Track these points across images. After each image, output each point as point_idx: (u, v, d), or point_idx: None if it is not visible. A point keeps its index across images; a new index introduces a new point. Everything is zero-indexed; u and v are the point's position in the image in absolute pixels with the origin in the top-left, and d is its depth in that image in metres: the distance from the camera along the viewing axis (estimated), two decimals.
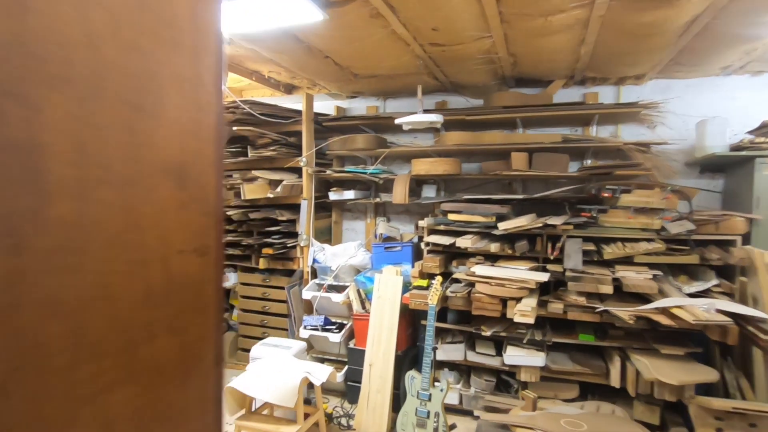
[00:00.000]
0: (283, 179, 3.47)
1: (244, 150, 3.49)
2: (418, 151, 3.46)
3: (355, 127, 3.71)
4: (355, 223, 4.14)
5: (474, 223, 2.79)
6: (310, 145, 3.57)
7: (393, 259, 3.31)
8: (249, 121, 3.32)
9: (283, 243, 3.56)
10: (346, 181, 3.88)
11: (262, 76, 3.56)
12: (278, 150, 3.39)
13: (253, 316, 3.87)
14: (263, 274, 3.83)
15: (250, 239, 3.64)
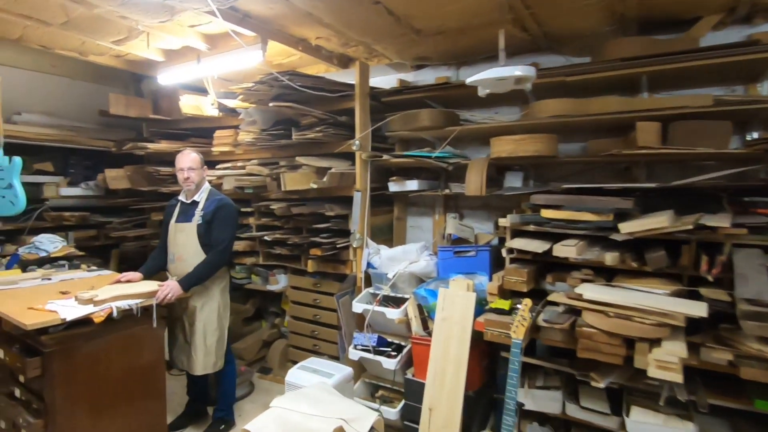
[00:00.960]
0: (331, 167, 2.89)
1: (288, 132, 2.96)
2: (500, 128, 2.67)
3: (420, 102, 3.01)
4: (420, 220, 3.45)
5: (580, 223, 1.96)
6: (365, 124, 2.94)
7: (464, 268, 2.57)
8: (290, 97, 2.78)
9: (333, 243, 2.99)
10: (409, 169, 3.21)
11: (310, 45, 3.00)
12: (326, 132, 2.81)
13: (304, 326, 3.38)
14: (314, 278, 3.31)
15: (296, 237, 3.13)
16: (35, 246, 3.00)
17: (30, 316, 1.97)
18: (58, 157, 4.04)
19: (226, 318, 2.64)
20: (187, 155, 2.56)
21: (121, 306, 2.14)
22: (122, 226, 4.02)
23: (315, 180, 2.73)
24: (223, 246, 2.50)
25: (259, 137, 3.01)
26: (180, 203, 2.63)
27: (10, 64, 3.48)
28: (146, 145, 3.64)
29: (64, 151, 4.03)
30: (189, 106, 3.52)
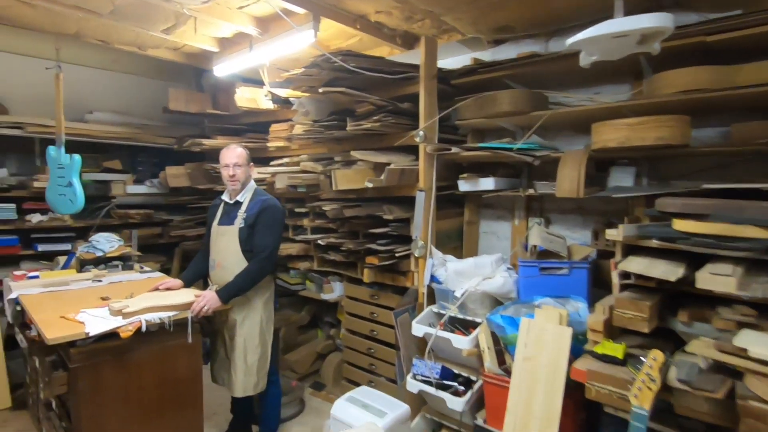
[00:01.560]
0: (390, 162, 2.48)
1: (343, 123, 2.59)
2: (604, 110, 2.08)
3: (498, 84, 2.49)
4: (496, 225, 2.92)
5: (740, 241, 1.34)
6: (431, 112, 2.49)
7: (553, 289, 2.03)
8: (344, 83, 2.41)
9: (391, 251, 2.58)
10: (483, 164, 2.70)
11: (369, 21, 2.61)
12: (384, 121, 2.40)
13: (360, 341, 3.01)
14: (371, 289, 2.93)
15: (351, 243, 2.76)
16: (93, 245, 2.95)
17: (57, 327, 1.81)
18: (126, 155, 4.08)
19: (270, 333, 2.34)
20: (232, 150, 2.29)
21: (151, 319, 1.91)
22: (182, 224, 3.95)
23: (371, 178, 2.33)
24: (266, 253, 2.20)
25: (310, 129, 2.68)
26: (223, 203, 2.37)
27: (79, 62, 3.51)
28: (202, 142, 3.50)
29: (133, 149, 4.05)
30: (244, 98, 3.30)
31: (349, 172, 2.43)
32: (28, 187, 3.34)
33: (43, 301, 2.18)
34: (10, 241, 3.25)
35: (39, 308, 2.07)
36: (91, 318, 1.89)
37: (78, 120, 3.68)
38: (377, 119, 2.36)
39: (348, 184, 2.42)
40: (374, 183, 2.32)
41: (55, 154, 2.94)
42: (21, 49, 3.22)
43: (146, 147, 3.99)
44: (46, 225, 3.41)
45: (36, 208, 3.34)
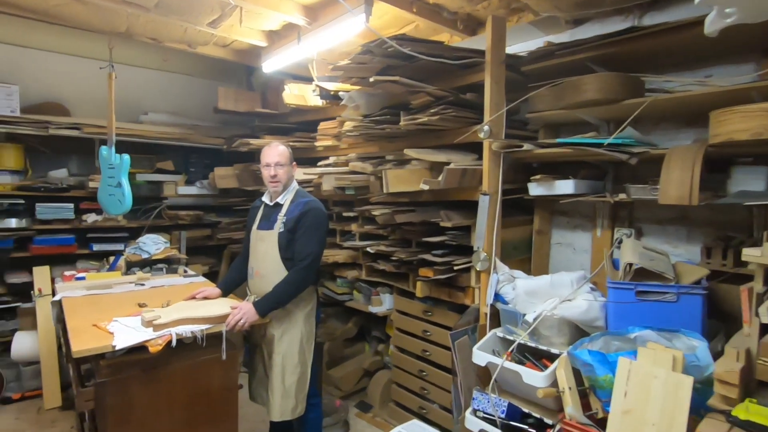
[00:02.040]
0: (449, 161, 2.16)
1: (396, 118, 2.31)
2: (723, 95, 1.64)
3: (578, 68, 2.10)
4: (572, 236, 2.51)
5: None
6: (498, 103, 2.15)
7: (655, 319, 1.62)
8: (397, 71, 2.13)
9: (449, 263, 2.26)
10: (559, 164, 2.32)
11: (427, 4, 2.32)
12: (443, 114, 2.09)
13: (411, 362, 2.71)
14: (424, 304, 2.62)
15: (403, 252, 2.47)
16: (140, 247, 2.88)
17: (86, 337, 1.68)
18: (179, 155, 4.07)
19: (310, 351, 2.11)
20: (274, 148, 2.08)
21: (182, 333, 1.73)
22: (229, 226, 3.85)
23: (427, 179, 2.03)
24: (307, 262, 1.96)
25: (360, 125, 2.42)
26: (263, 205, 2.17)
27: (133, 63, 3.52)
28: (250, 141, 3.37)
29: (185, 150, 4.04)
30: (292, 95, 3.13)
31: (402, 173, 2.15)
32: (86, 187, 3.37)
33: (82, 305, 2.10)
34: (67, 240, 3.29)
35: (76, 313, 1.98)
36: (122, 328, 1.75)
37: (133, 121, 3.70)
38: (435, 112, 2.06)
39: (401, 185, 2.14)
40: (430, 185, 2.02)
41: (106, 154, 2.92)
42: (79, 51, 3.26)
43: (198, 148, 3.95)
44: (100, 225, 3.43)
45: (92, 208, 3.36)
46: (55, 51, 3.19)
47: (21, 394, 2.91)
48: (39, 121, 3.08)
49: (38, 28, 3.01)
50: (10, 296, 3.08)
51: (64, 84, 3.35)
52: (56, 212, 3.21)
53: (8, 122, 2.96)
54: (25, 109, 3.13)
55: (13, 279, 3.05)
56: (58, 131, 3.15)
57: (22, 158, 3.25)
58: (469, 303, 2.33)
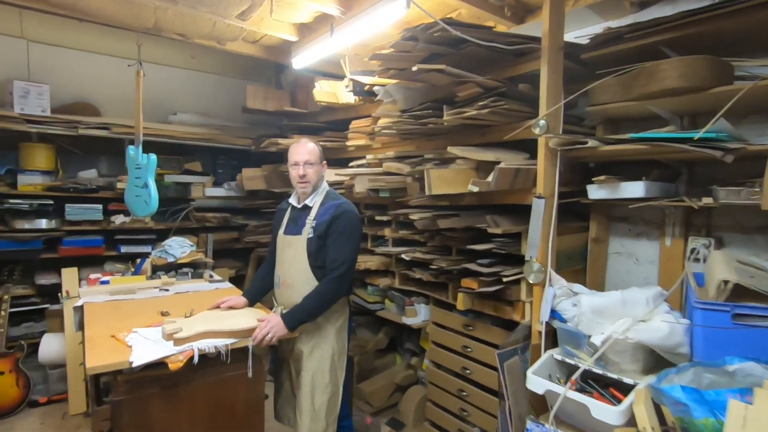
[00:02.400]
0: (499, 160, 1.94)
1: (437, 113, 2.10)
2: None
3: (649, 54, 1.83)
4: (634, 244, 2.23)
5: None
6: (556, 95, 1.91)
7: (757, 347, 1.34)
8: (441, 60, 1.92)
9: (497, 274, 2.03)
10: (620, 164, 2.06)
11: None
12: (494, 106, 1.87)
13: (449, 379, 2.49)
14: (465, 317, 2.39)
15: (443, 260, 2.26)
16: (165, 250, 2.78)
17: (103, 350, 1.55)
18: (207, 156, 3.98)
19: (342, 368, 1.92)
20: (303, 146, 1.91)
21: (204, 348, 1.57)
22: (256, 229, 3.72)
23: (476, 180, 1.80)
24: (340, 271, 1.78)
25: (398, 121, 2.22)
26: (290, 208, 2.00)
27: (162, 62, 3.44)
28: (278, 141, 3.23)
29: (213, 151, 3.95)
30: (323, 93, 2.97)
31: (446, 173, 1.93)
32: (114, 188, 3.31)
33: (103, 312, 1.98)
34: (95, 242, 3.23)
35: (95, 320, 1.86)
36: (141, 341, 1.61)
37: (162, 121, 3.63)
38: (485, 105, 1.83)
39: (445, 187, 1.92)
40: (480, 186, 1.79)
41: (133, 154, 2.83)
42: (109, 50, 3.21)
43: (226, 148, 3.85)
44: (128, 227, 3.36)
45: (120, 210, 3.30)
46: (86, 50, 3.15)
47: (47, 398, 2.84)
48: (69, 120, 3.03)
49: (69, 26, 2.97)
50: (39, 297, 3.03)
51: (94, 84, 3.31)
52: (85, 213, 3.16)
53: (39, 122, 2.92)
54: (56, 110, 3.09)
55: (42, 280, 3.01)
56: (88, 131, 3.09)
57: (53, 159, 3.21)
58: (518, 319, 2.09)
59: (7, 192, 2.91)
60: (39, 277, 3.02)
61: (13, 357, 2.69)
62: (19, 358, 2.71)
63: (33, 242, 2.93)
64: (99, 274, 2.60)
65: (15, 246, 2.88)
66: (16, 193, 2.93)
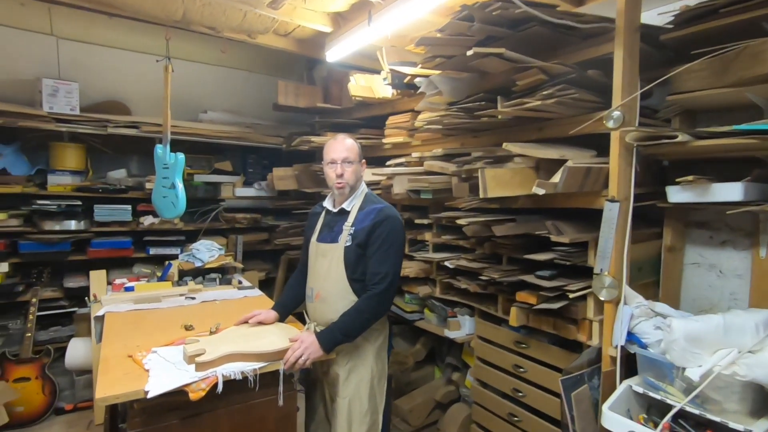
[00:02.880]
0: (564, 158, 1.68)
1: (490, 105, 1.86)
2: None
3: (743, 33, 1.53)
4: (716, 254, 1.92)
5: None
6: (631, 82, 1.64)
7: None
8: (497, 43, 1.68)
9: (560, 289, 1.77)
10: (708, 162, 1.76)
11: None
12: (560, 95, 1.61)
13: (497, 401, 2.24)
14: (516, 332, 2.14)
15: (494, 270, 2.01)
16: (192, 254, 2.64)
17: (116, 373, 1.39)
18: (238, 156, 3.86)
19: (382, 394, 1.71)
20: (341, 141, 1.71)
21: (230, 374, 1.39)
22: (287, 231, 3.57)
23: (541, 181, 1.55)
24: (382, 286, 1.57)
25: (445, 114, 1.98)
26: (324, 212, 1.81)
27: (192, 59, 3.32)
28: (311, 139, 3.05)
29: (244, 150, 3.82)
30: (358, 87, 2.77)
31: (502, 173, 1.68)
32: (143, 188, 3.22)
33: (123, 324, 1.84)
34: (123, 244, 3.14)
35: (114, 335, 1.72)
36: (160, 363, 1.44)
37: (193, 120, 3.53)
38: (549, 93, 1.57)
39: (501, 189, 1.68)
40: (546, 189, 1.54)
41: (161, 153, 2.71)
42: (139, 46, 3.11)
43: (256, 147, 3.72)
44: (157, 228, 3.26)
45: (148, 210, 3.20)
46: (115, 47, 3.06)
47: (73, 405, 2.77)
48: (98, 119, 2.94)
49: (98, 22, 2.88)
50: (67, 300, 2.96)
51: (125, 81, 3.22)
52: (114, 214, 3.07)
53: (68, 121, 2.84)
54: (87, 108, 3.01)
55: (70, 283, 2.94)
56: (117, 130, 3.00)
57: (83, 158, 3.15)
58: (583, 340, 1.83)
59: (36, 192, 2.84)
60: (67, 279, 2.95)
61: (40, 363, 2.61)
62: (46, 364, 2.64)
63: (62, 244, 2.86)
64: (125, 279, 2.49)
65: (44, 248, 2.81)
66: (44, 193, 2.87)
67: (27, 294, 2.77)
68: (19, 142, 2.93)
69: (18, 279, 2.80)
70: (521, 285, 1.92)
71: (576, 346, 1.93)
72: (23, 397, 2.53)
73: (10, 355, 2.57)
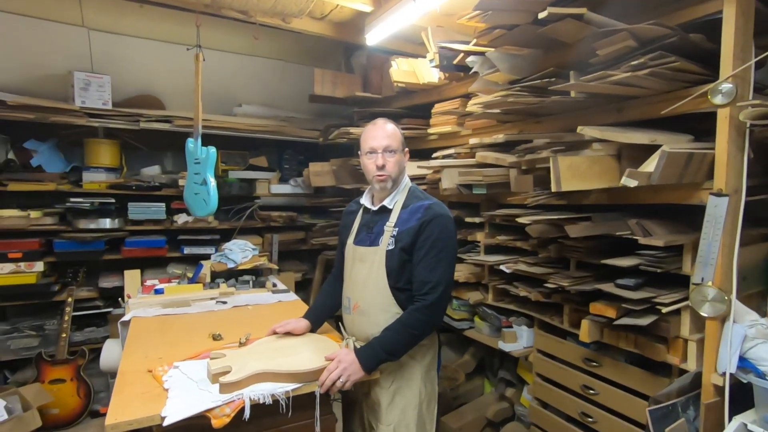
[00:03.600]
0: (656, 142, 1.37)
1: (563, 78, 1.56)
2: None
3: None
4: None
5: None
6: (744, 50, 1.31)
7: None
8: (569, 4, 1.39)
9: (648, 301, 1.46)
10: None
11: None
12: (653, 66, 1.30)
13: (560, 426, 1.96)
14: (585, 348, 1.84)
15: (562, 277, 1.72)
16: (225, 255, 2.50)
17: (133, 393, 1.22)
18: (273, 151, 3.72)
19: (432, 419, 1.47)
20: (381, 127, 1.48)
21: (258, 398, 1.19)
22: (323, 230, 3.38)
23: (632, 171, 1.26)
24: (433, 296, 1.33)
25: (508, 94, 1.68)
26: (362, 210, 1.58)
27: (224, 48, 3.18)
28: (349, 131, 2.84)
29: (279, 145, 3.67)
30: (401, 72, 2.53)
31: (579, 162, 1.40)
32: (177, 185, 3.12)
33: (148, 332, 1.70)
34: (157, 243, 3.06)
35: (136, 345, 1.57)
36: (182, 381, 1.26)
37: (227, 114, 3.40)
38: (642, 62, 1.27)
39: (579, 180, 1.39)
40: (639, 180, 1.24)
41: (192, 148, 2.58)
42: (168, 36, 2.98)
43: (292, 141, 3.55)
44: (191, 226, 3.16)
45: (182, 208, 3.10)
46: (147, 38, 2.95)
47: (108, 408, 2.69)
48: (130, 113, 2.86)
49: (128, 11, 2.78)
50: (102, 300, 2.90)
51: (157, 74, 3.12)
52: (147, 212, 2.99)
53: (100, 116, 2.77)
54: (120, 103, 2.94)
55: (105, 283, 2.87)
56: (149, 125, 2.91)
57: (118, 155, 3.08)
58: (674, 362, 1.52)
59: (70, 190, 2.79)
60: (102, 279, 2.90)
61: (75, 364, 2.55)
62: (81, 365, 2.57)
63: (96, 243, 2.80)
64: (155, 281, 2.38)
65: (78, 247, 2.76)
66: (78, 191, 2.81)
67: (63, 294, 2.72)
68: (55, 139, 2.89)
69: (54, 278, 2.76)
70: (594, 295, 1.63)
71: (659, 368, 1.62)
72: (58, 400, 2.47)
73: (46, 355, 2.52)
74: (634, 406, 1.67)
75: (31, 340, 2.69)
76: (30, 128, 2.74)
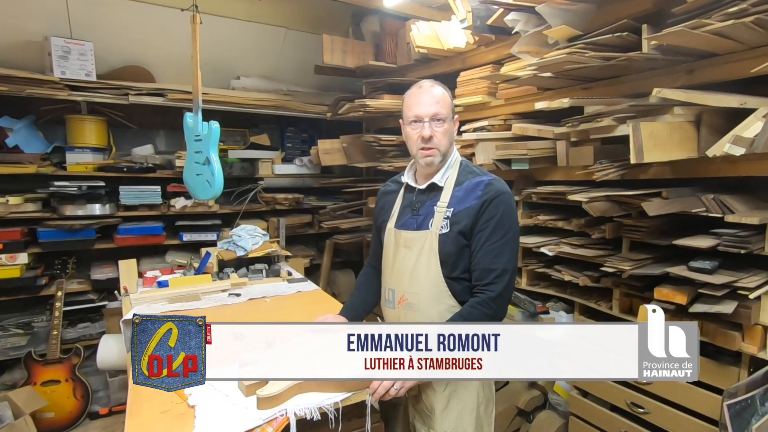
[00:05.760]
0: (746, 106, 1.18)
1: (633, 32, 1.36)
2: None
3: None
4: None
5: None
6: None
7: None
8: None
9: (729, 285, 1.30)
10: None
11: None
12: (757, 14, 1.11)
13: (605, 416, 1.83)
14: None
15: (621, 260, 1.55)
16: (233, 241, 2.28)
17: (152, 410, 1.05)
18: (274, 128, 3.45)
19: (491, 424, 1.32)
20: (427, 91, 1.26)
21: (304, 414, 1.01)
22: (334, 213, 3.17)
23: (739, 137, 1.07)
24: (499, 287, 1.15)
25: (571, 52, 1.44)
26: (404, 189, 1.37)
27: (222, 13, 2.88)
28: (365, 102, 2.60)
29: (281, 121, 3.41)
30: (422, 36, 2.29)
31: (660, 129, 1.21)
32: (173, 166, 2.86)
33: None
34: (154, 230, 2.81)
35: None
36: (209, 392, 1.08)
37: (224, 87, 3.12)
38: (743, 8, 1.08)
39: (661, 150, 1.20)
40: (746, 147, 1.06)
41: (191, 123, 2.32)
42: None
43: (296, 118, 3.30)
44: (190, 211, 2.92)
45: (180, 191, 2.85)
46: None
47: (108, 408, 2.50)
48: (118, 86, 2.57)
49: None
50: (96, 294, 2.67)
51: (145, 42, 2.80)
52: (141, 196, 2.73)
53: (83, 88, 2.48)
54: (104, 75, 2.64)
55: (97, 274, 2.63)
56: (140, 98, 2.63)
57: (105, 134, 2.80)
58: (752, 351, 1.37)
59: (54, 173, 2.51)
60: (95, 270, 2.65)
61: (69, 364, 2.34)
62: (76, 365, 2.36)
63: (85, 231, 2.55)
64: (157, 272, 2.15)
65: (66, 235, 2.50)
66: (63, 174, 2.54)
67: (51, 287, 2.48)
68: (33, 116, 2.59)
69: (40, 271, 2.51)
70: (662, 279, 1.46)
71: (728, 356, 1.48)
72: (53, 403, 2.26)
73: (36, 355, 2.30)
74: (694, 396, 1.54)
75: (19, 339, 2.46)
76: (3, 103, 2.44)
